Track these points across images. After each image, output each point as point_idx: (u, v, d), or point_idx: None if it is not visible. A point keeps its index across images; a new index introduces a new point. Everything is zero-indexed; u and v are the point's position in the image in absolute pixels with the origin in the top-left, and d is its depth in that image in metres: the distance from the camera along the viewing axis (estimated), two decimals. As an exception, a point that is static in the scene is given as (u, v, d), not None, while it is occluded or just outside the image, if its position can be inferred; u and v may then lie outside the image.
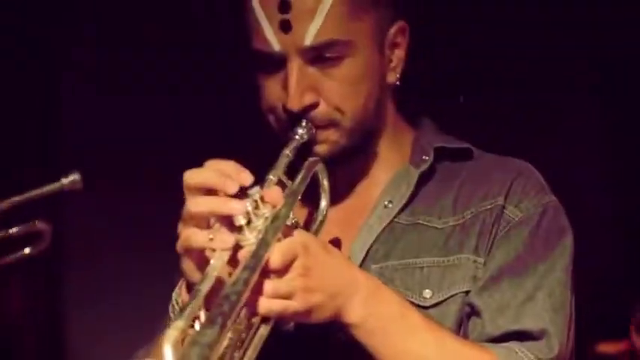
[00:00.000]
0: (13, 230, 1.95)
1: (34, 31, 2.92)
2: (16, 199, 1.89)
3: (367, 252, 1.90)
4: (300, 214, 1.88)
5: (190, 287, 1.70)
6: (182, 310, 1.50)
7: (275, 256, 1.58)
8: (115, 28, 2.95)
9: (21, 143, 3.02)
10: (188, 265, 1.67)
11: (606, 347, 2.63)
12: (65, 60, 2.98)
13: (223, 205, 1.63)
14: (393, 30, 1.93)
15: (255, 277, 1.53)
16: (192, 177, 1.67)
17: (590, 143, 2.84)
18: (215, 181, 1.65)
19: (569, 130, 2.81)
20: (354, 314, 1.68)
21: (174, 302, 1.78)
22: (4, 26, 2.85)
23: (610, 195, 2.82)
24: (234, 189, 1.63)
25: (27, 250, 1.99)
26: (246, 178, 1.65)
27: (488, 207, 1.90)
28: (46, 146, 3.03)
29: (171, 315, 1.78)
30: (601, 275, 2.71)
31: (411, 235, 1.91)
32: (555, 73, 2.80)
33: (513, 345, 1.78)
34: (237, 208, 1.61)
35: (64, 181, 1.84)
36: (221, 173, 1.65)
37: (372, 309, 1.69)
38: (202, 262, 1.64)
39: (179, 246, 1.67)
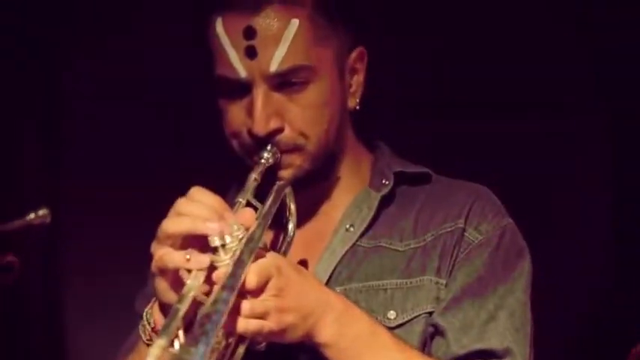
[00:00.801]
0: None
1: (34, 31, 2.89)
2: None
3: (331, 274, 1.93)
4: (266, 237, 1.90)
5: (163, 307, 1.72)
6: (162, 329, 1.52)
7: (251, 276, 1.62)
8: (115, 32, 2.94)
9: (19, 147, 2.97)
10: (162, 285, 1.69)
11: None
12: (65, 62, 2.95)
13: (200, 226, 1.65)
14: (353, 55, 1.98)
15: (234, 296, 1.55)
16: (184, 207, 1.70)
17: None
18: (196, 227, 1.67)
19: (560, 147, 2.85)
20: (326, 334, 1.72)
21: (145, 322, 1.78)
22: (3, 26, 2.82)
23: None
24: (215, 232, 1.65)
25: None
26: (230, 217, 1.69)
27: (449, 229, 1.95)
28: (48, 148, 2.99)
29: (142, 334, 1.79)
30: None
31: (374, 258, 1.95)
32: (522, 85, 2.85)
33: None
34: (214, 229, 1.64)
35: (32, 216, 1.85)
36: (213, 210, 1.68)
37: (343, 328, 1.73)
38: (176, 282, 1.67)
39: (154, 265, 1.68)
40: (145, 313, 1.79)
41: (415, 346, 1.85)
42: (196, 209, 1.68)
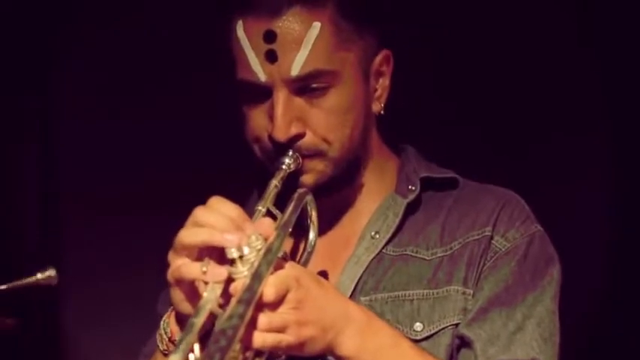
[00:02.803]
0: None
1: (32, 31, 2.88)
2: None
3: (356, 284, 1.89)
4: (286, 245, 1.86)
5: (179, 317, 1.69)
6: (178, 343, 1.49)
7: (268, 289, 1.57)
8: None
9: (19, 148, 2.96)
10: (178, 296, 1.65)
11: None
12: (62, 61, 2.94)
13: (217, 237, 1.61)
14: (377, 59, 1.93)
15: (251, 311, 1.51)
16: (203, 216, 1.65)
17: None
18: (213, 239, 1.62)
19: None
20: (347, 347, 1.67)
21: (162, 331, 1.75)
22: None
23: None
24: (234, 244, 1.61)
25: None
26: (249, 227, 1.64)
27: (476, 237, 1.90)
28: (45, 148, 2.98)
29: (159, 344, 1.75)
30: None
31: (399, 267, 1.91)
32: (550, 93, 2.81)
33: None
34: (231, 240, 1.60)
35: (39, 276, 1.83)
36: (231, 221, 1.63)
37: (365, 341, 1.68)
38: (192, 293, 1.63)
39: (170, 275, 1.65)
40: (162, 322, 1.76)
41: (440, 359, 1.80)
42: (214, 220, 1.64)
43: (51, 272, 1.74)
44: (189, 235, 1.64)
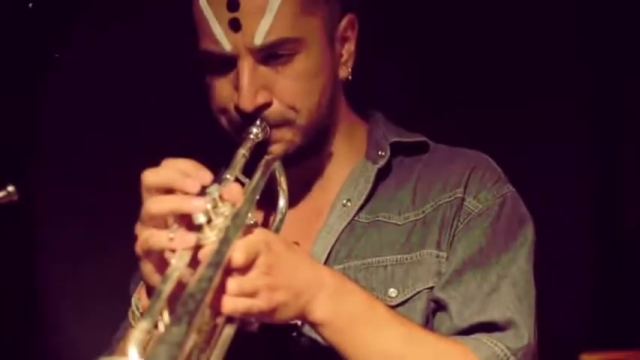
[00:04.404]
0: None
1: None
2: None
3: (329, 253, 1.87)
4: (257, 215, 1.84)
5: (150, 291, 1.65)
6: (146, 311, 1.45)
7: (237, 253, 1.54)
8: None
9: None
10: (148, 268, 1.62)
11: (590, 358, 2.61)
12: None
13: (184, 204, 1.57)
14: (342, 24, 1.91)
15: (219, 274, 1.48)
16: (151, 177, 1.61)
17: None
18: (175, 181, 1.59)
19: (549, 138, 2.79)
20: (320, 312, 1.64)
21: (134, 308, 1.72)
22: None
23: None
24: (194, 188, 1.58)
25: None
26: (206, 176, 1.60)
27: (448, 200, 1.88)
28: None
29: (132, 321, 1.73)
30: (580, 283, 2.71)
31: (372, 233, 1.89)
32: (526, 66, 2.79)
33: (481, 336, 1.75)
34: (198, 206, 1.56)
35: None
36: (181, 172, 1.60)
37: (338, 305, 1.65)
38: (162, 264, 1.59)
39: (138, 248, 1.61)
40: (133, 298, 1.73)
41: (416, 322, 1.78)
42: (168, 176, 1.60)
43: (11, 188, 1.70)
44: (155, 204, 1.60)
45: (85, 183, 2.85)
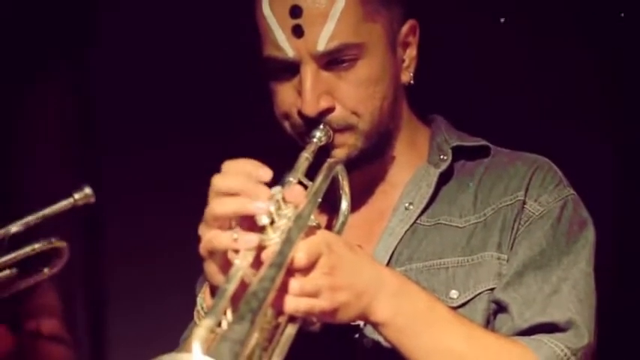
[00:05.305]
0: (30, 249, 1.95)
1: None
2: (30, 218, 1.89)
3: (391, 255, 1.89)
4: (320, 219, 1.86)
5: (214, 290, 1.69)
6: (210, 309, 1.49)
7: (300, 254, 1.57)
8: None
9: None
10: (212, 268, 1.66)
11: None
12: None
13: (248, 205, 1.61)
14: (404, 29, 1.94)
15: (282, 274, 1.52)
16: (220, 182, 1.65)
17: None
18: (246, 188, 1.63)
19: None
20: (382, 312, 1.66)
21: (199, 308, 1.76)
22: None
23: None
24: (264, 196, 1.61)
25: (46, 271, 1.98)
26: (266, 173, 1.64)
27: (509, 203, 1.89)
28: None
29: (197, 320, 1.76)
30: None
31: (434, 236, 1.91)
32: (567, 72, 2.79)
33: (542, 337, 1.76)
34: (262, 208, 1.60)
35: (76, 196, 1.83)
36: (250, 177, 1.63)
37: (400, 306, 1.67)
38: (226, 264, 1.63)
39: (202, 248, 1.65)
40: (198, 298, 1.77)
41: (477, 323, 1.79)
42: (235, 183, 1.63)
43: (88, 190, 1.74)
44: (219, 205, 1.64)
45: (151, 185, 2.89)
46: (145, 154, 2.96)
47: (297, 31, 1.84)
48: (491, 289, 1.84)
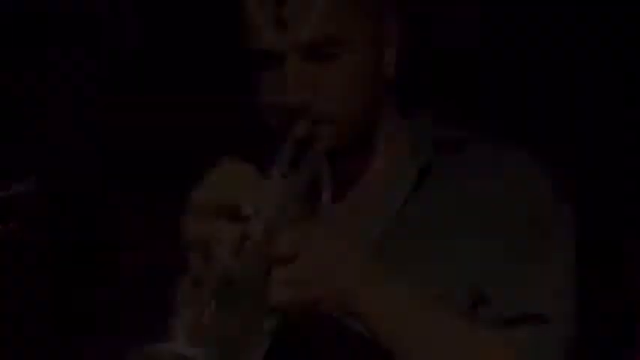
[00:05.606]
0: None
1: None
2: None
3: (373, 248, 1.89)
4: (301, 210, 1.86)
5: (197, 281, 1.69)
6: (192, 300, 1.49)
7: (282, 244, 1.58)
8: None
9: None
10: (194, 260, 1.66)
11: None
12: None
13: (231, 195, 1.61)
14: (390, 24, 1.94)
15: (264, 264, 1.52)
16: (202, 197, 1.65)
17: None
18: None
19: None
20: (364, 303, 1.67)
21: (181, 298, 1.75)
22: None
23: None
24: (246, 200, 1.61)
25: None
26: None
27: (492, 198, 1.89)
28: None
29: (180, 311, 1.75)
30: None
31: (415, 232, 1.91)
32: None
33: (524, 327, 1.78)
34: (245, 198, 1.60)
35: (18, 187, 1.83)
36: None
37: (382, 297, 1.68)
38: (208, 254, 1.63)
39: (184, 239, 1.65)
40: (180, 289, 1.76)
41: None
42: (226, 179, 1.64)
43: (32, 178, 1.73)
44: (202, 196, 1.64)
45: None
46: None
47: (282, 23, 1.84)
48: (475, 282, 1.84)
